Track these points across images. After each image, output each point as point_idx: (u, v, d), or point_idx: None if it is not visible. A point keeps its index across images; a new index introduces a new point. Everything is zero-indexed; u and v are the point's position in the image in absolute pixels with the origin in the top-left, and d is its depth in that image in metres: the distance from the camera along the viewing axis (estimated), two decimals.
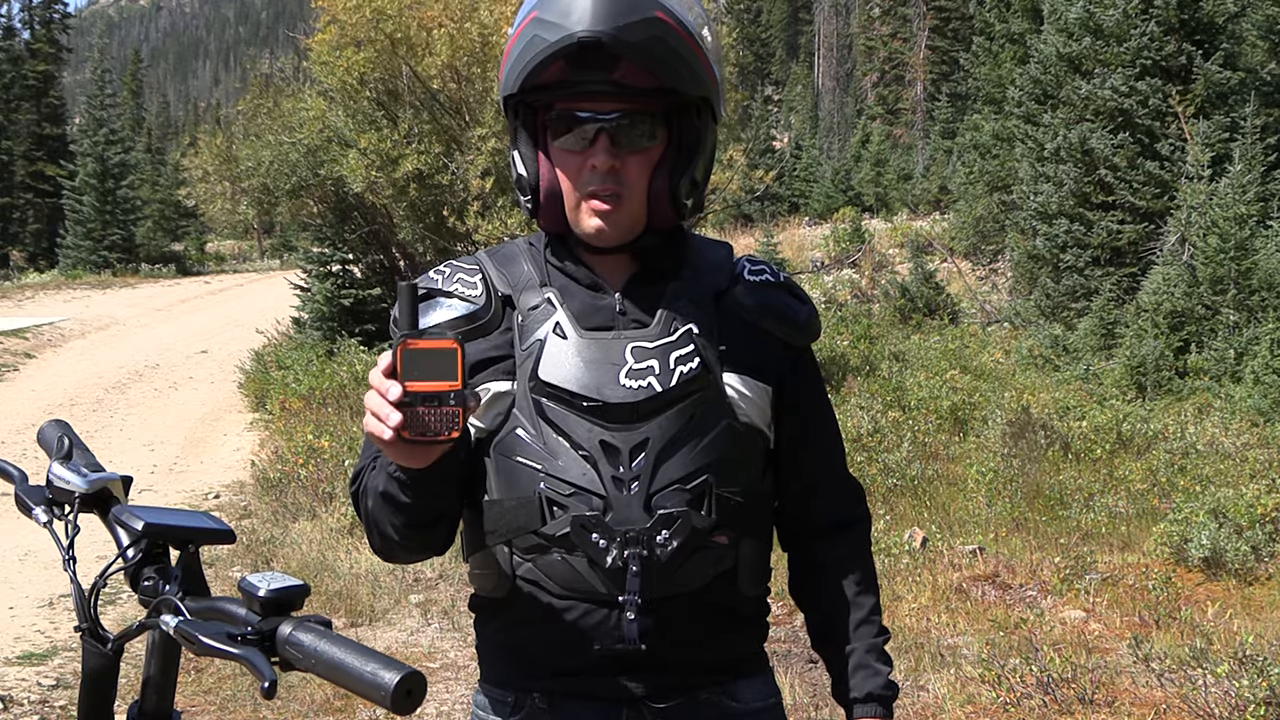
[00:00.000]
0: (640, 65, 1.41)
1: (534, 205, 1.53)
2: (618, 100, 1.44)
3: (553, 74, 1.43)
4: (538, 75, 1.43)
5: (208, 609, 1.19)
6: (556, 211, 1.51)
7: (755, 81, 49.24)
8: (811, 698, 4.32)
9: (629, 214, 1.48)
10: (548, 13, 1.41)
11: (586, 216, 1.48)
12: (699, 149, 1.50)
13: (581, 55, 1.39)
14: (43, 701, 4.49)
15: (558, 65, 1.41)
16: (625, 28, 1.38)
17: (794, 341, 1.59)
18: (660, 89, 1.44)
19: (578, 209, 1.49)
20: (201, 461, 9.18)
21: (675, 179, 1.49)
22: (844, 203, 29.99)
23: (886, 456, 7.69)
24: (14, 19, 36.09)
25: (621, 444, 1.45)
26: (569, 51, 1.39)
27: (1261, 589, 5.49)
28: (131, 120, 41.93)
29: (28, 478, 1.45)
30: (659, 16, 1.40)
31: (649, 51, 1.40)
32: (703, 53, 1.46)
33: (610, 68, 1.41)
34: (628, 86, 1.43)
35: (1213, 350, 10.19)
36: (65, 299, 21.04)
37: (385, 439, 1.27)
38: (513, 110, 1.51)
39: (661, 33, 1.40)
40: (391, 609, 5.48)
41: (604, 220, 1.47)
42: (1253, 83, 12.75)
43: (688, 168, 1.49)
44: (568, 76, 1.43)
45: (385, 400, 1.26)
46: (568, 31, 1.38)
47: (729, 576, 1.50)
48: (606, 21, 1.37)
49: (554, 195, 1.50)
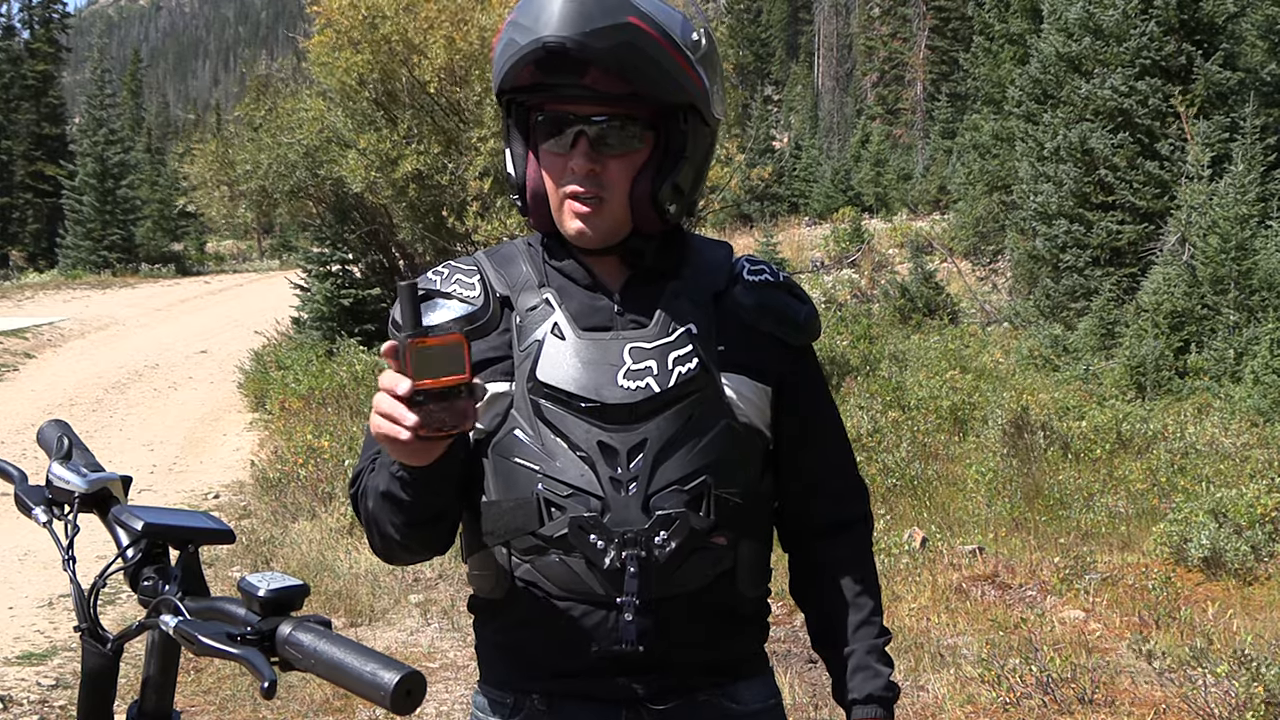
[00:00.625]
0: (609, 71, 1.41)
1: (522, 204, 1.54)
2: (598, 104, 1.44)
3: (525, 77, 1.44)
4: (513, 78, 1.45)
5: (207, 609, 1.19)
6: (543, 211, 1.52)
7: (755, 81, 49.24)
8: (811, 698, 4.32)
9: (610, 216, 1.48)
10: (523, 16, 1.42)
11: (568, 218, 1.48)
12: (684, 154, 1.49)
13: (549, 60, 1.40)
14: (42, 701, 4.49)
15: (529, 69, 1.42)
16: (593, 33, 1.38)
17: (793, 341, 1.58)
18: (635, 94, 1.44)
19: (560, 209, 1.49)
20: (201, 461, 9.18)
21: (657, 184, 1.48)
22: (844, 203, 29.99)
23: (886, 456, 7.69)
24: (13, 19, 36.01)
25: (619, 445, 1.45)
26: (536, 56, 1.40)
27: (1261, 589, 5.49)
28: (131, 120, 41.90)
29: (27, 478, 1.45)
30: (631, 22, 1.39)
31: (618, 58, 1.40)
32: (684, 58, 1.44)
33: (580, 72, 1.41)
34: (600, 91, 1.43)
35: (1212, 350, 10.19)
36: (65, 299, 21.04)
37: (402, 439, 1.27)
38: (506, 107, 1.52)
39: (633, 38, 1.40)
40: (391, 609, 5.48)
41: (584, 222, 1.47)
42: (1252, 83, 12.75)
43: (671, 173, 1.48)
44: (540, 80, 1.44)
45: (398, 400, 1.26)
46: (535, 36, 1.39)
47: (728, 577, 1.50)
48: (573, 27, 1.37)
49: (539, 195, 1.51)
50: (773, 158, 34.30)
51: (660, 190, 1.48)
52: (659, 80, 1.43)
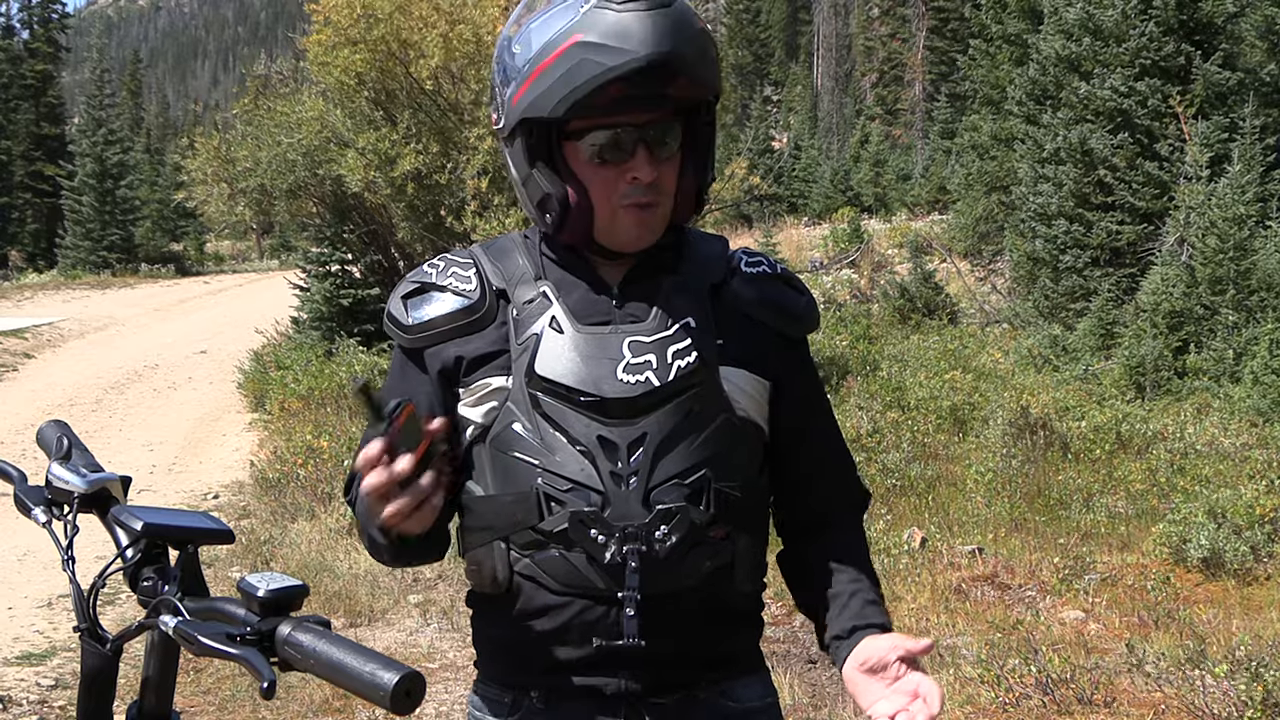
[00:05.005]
0: (695, 79, 1.43)
1: (560, 220, 1.48)
2: (647, 110, 1.43)
3: (608, 96, 1.39)
4: (592, 99, 1.39)
5: (207, 609, 1.19)
6: (585, 225, 1.48)
7: (754, 82, 49.27)
8: (811, 698, 4.32)
9: (663, 218, 1.50)
10: (598, 35, 1.37)
11: (625, 227, 1.47)
12: (711, 145, 1.53)
13: (646, 75, 1.38)
14: (42, 702, 4.49)
15: (616, 87, 1.39)
16: (685, 43, 1.39)
17: (792, 333, 1.59)
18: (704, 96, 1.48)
19: (613, 219, 1.47)
20: (200, 462, 9.18)
21: (701, 178, 1.51)
22: (843, 203, 29.99)
23: (886, 457, 7.69)
24: (13, 19, 35.91)
25: (619, 439, 1.45)
26: (635, 72, 1.37)
27: (1260, 589, 5.49)
28: (130, 120, 41.96)
29: (27, 478, 1.45)
30: (702, 28, 1.44)
31: (702, 64, 1.43)
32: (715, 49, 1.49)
33: (668, 83, 1.41)
34: (679, 99, 1.44)
35: (1211, 350, 10.19)
36: (64, 299, 21.04)
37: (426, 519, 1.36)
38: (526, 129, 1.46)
39: (707, 43, 1.44)
40: (390, 609, 5.48)
41: (642, 229, 1.48)
42: (1252, 83, 12.74)
43: (709, 166, 1.52)
44: (625, 94, 1.40)
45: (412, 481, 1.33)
46: (632, 54, 1.36)
47: (726, 571, 1.50)
48: (671, 42, 1.38)
49: (584, 209, 1.47)
50: (772, 159, 34.28)
51: (705, 184, 1.52)
52: (718, 79, 1.48)
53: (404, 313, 1.54)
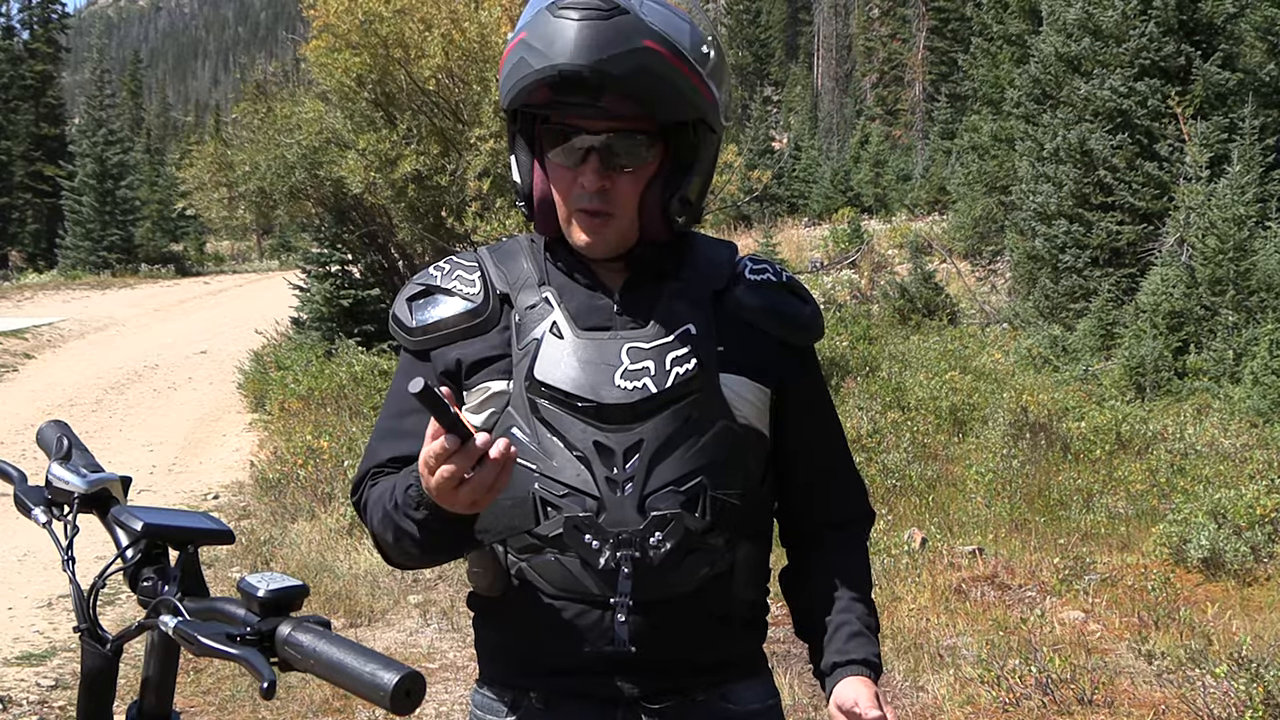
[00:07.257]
0: (624, 96, 1.40)
1: (529, 211, 1.53)
2: (609, 119, 1.43)
3: (539, 97, 1.42)
4: (525, 97, 1.43)
5: (207, 609, 1.19)
6: (550, 219, 1.51)
7: (754, 82, 49.27)
8: (811, 698, 4.32)
9: (617, 230, 1.48)
10: (535, 38, 1.39)
11: (576, 231, 1.48)
12: (693, 167, 1.49)
13: (564, 85, 1.38)
14: (42, 702, 4.49)
15: (543, 91, 1.40)
16: (609, 60, 1.36)
17: (795, 341, 1.58)
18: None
19: (569, 222, 1.49)
20: (200, 462, 9.17)
21: (667, 195, 1.48)
22: (843, 203, 29.99)
23: (886, 457, 7.69)
24: (13, 19, 35.88)
25: (616, 445, 1.45)
26: (551, 81, 1.38)
27: (1260, 589, 5.49)
28: (130, 121, 41.95)
29: (27, 478, 1.45)
30: (646, 46, 1.38)
31: (634, 83, 1.38)
32: (697, 75, 1.43)
33: (595, 95, 1.39)
34: (615, 112, 1.42)
35: (1211, 351, 10.19)
36: (64, 299, 21.03)
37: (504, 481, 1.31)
38: (511, 115, 1.51)
39: (648, 62, 1.38)
40: (390, 609, 5.48)
41: (592, 236, 1.47)
42: (1251, 83, 12.75)
43: (681, 186, 1.48)
44: (553, 99, 1.42)
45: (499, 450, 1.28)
46: (550, 62, 1.37)
47: (725, 578, 1.49)
48: (589, 55, 1.35)
49: (547, 204, 1.50)
50: (772, 159, 34.29)
51: (670, 204, 1.48)
52: (673, 101, 1.42)
53: (408, 315, 1.55)
